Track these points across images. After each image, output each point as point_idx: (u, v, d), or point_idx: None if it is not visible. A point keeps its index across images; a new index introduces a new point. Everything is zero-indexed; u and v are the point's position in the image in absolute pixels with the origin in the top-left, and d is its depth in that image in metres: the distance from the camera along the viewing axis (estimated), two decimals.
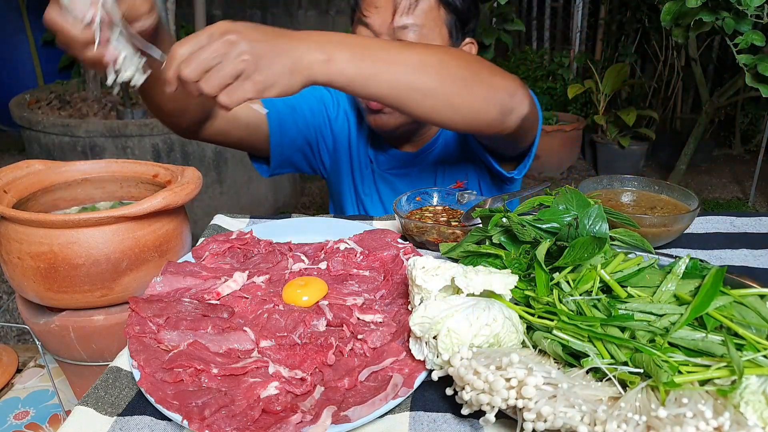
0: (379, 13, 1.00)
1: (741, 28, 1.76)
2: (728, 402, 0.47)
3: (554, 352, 0.54)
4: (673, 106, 4.28)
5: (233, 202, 2.88)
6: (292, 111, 1.14)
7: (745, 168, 3.96)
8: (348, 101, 1.21)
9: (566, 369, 0.53)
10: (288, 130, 1.14)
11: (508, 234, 0.71)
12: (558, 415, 0.45)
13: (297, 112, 1.15)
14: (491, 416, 0.48)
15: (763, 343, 0.51)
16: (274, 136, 1.12)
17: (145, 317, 0.64)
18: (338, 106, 1.21)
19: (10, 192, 0.81)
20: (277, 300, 0.69)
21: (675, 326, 0.52)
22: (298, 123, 1.15)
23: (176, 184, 0.79)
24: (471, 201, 0.95)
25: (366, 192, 1.23)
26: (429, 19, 1.00)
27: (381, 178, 1.21)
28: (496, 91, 0.81)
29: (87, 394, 0.58)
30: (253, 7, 4.17)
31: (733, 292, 0.55)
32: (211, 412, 0.52)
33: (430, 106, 0.77)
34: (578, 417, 0.45)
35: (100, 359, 0.81)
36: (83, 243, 0.72)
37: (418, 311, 0.56)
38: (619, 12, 4.28)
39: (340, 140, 1.22)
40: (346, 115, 1.21)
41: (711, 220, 0.96)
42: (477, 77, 0.80)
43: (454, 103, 0.78)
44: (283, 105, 1.13)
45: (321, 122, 1.20)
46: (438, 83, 0.76)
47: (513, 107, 0.84)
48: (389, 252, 0.79)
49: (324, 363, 0.59)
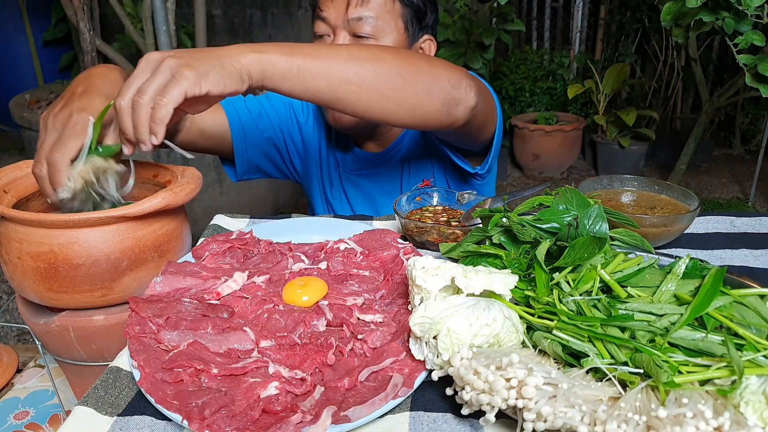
0: (335, 7, 1.01)
1: (741, 28, 1.76)
2: (728, 402, 0.47)
3: (554, 352, 0.54)
4: (673, 106, 4.28)
5: (233, 202, 2.88)
6: (258, 118, 1.16)
7: (745, 168, 3.96)
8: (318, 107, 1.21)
9: (566, 369, 0.53)
10: (252, 138, 1.16)
11: (508, 234, 0.71)
12: (558, 415, 0.45)
13: (263, 118, 1.17)
14: (491, 416, 0.48)
15: (763, 343, 0.51)
16: (238, 143, 1.14)
17: (145, 317, 0.64)
18: (308, 110, 1.22)
19: (10, 192, 0.81)
20: (277, 300, 0.69)
21: (675, 326, 0.52)
22: (263, 130, 1.17)
23: (176, 184, 0.79)
24: (471, 201, 0.95)
25: (334, 195, 1.24)
26: (384, 11, 1.01)
27: (348, 180, 1.22)
28: (437, 81, 0.80)
29: (87, 394, 0.58)
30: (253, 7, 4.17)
31: (733, 292, 0.55)
32: (211, 412, 0.52)
33: (368, 100, 0.77)
34: (578, 417, 0.45)
35: (100, 359, 0.81)
36: (83, 243, 0.72)
37: (418, 311, 0.56)
38: (619, 12, 4.28)
39: (310, 144, 1.23)
40: (315, 120, 1.22)
41: (711, 220, 0.96)
42: (415, 68, 0.79)
43: (393, 96, 0.77)
44: (247, 113, 1.15)
45: (290, 126, 1.21)
46: (373, 75, 0.76)
47: (458, 98, 0.83)
48: (389, 252, 0.79)
49: (324, 363, 0.59)
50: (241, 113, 1.15)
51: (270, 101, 1.20)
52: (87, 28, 2.74)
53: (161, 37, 2.81)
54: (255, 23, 4.19)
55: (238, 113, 1.14)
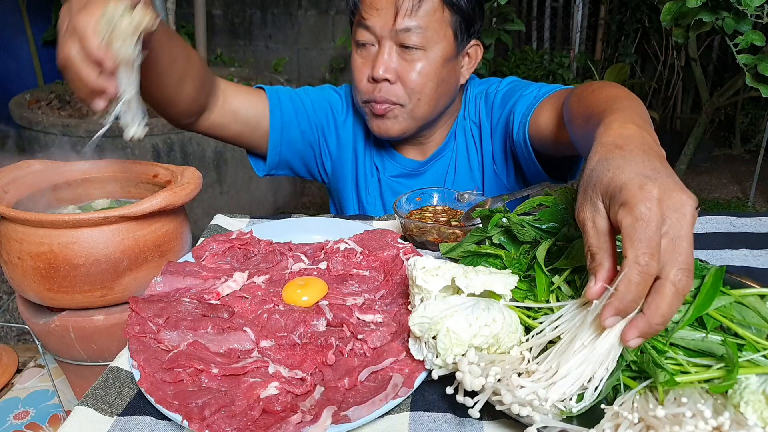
0: (380, 15, 0.97)
1: (741, 28, 1.76)
2: (728, 402, 0.47)
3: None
4: (673, 106, 4.28)
5: (233, 202, 2.88)
6: (297, 114, 1.12)
7: (745, 168, 3.96)
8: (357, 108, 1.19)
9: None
10: (289, 132, 1.12)
11: (508, 234, 0.71)
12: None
13: (301, 114, 1.13)
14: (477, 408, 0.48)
15: (762, 343, 0.51)
16: (274, 134, 1.09)
17: (145, 317, 0.64)
18: (347, 110, 1.18)
19: (10, 192, 0.81)
20: (277, 300, 0.69)
21: (677, 326, 0.52)
22: (301, 125, 1.13)
23: (176, 184, 0.79)
24: (471, 201, 0.95)
25: (369, 200, 1.20)
26: (433, 20, 0.97)
27: (387, 185, 1.18)
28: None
29: (87, 394, 0.58)
30: (253, 7, 4.17)
31: (733, 292, 0.55)
32: (211, 412, 0.52)
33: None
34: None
35: (100, 359, 0.81)
36: (83, 243, 0.72)
37: (417, 311, 0.56)
38: (619, 12, 4.27)
39: (344, 146, 1.19)
40: (354, 120, 1.18)
41: (711, 220, 0.96)
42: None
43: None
44: (290, 105, 1.11)
45: (325, 124, 1.17)
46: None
47: None
48: (389, 252, 0.79)
49: (324, 363, 0.59)
50: (284, 105, 1.10)
51: (309, 96, 1.15)
52: None
53: None
54: (255, 23, 4.19)
55: (280, 104, 1.09)
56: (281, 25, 4.19)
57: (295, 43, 4.23)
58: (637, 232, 0.45)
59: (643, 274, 0.45)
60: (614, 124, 0.58)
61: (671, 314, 0.45)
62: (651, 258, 0.45)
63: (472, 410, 0.48)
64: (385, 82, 1.00)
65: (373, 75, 1.00)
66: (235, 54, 4.21)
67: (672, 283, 0.45)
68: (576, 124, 0.76)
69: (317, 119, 1.16)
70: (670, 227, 0.46)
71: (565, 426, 0.47)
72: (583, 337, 0.48)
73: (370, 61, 1.01)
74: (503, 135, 1.08)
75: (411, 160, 1.17)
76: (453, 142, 1.15)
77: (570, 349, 0.48)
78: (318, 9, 4.15)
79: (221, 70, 3.38)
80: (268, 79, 3.26)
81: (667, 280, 0.45)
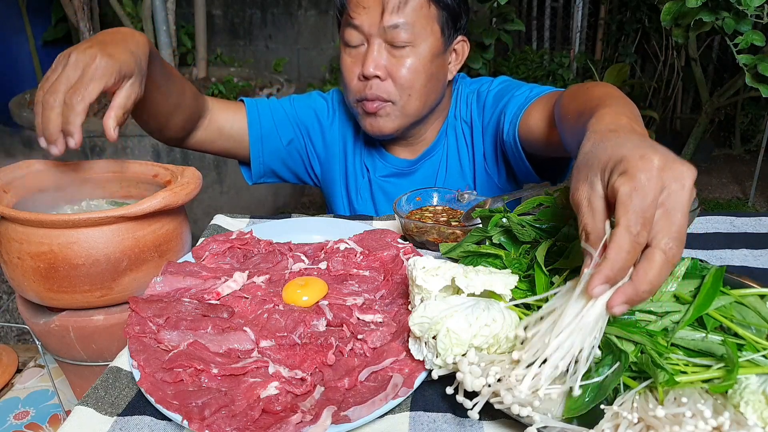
0: (368, 14, 0.98)
1: (741, 28, 1.76)
2: (728, 402, 0.47)
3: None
4: (673, 106, 4.28)
5: (233, 202, 2.88)
6: (279, 124, 1.15)
7: (745, 168, 3.96)
8: (345, 110, 1.19)
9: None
10: (270, 143, 1.15)
11: (508, 234, 0.71)
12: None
13: (284, 124, 1.16)
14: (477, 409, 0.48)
15: (762, 343, 0.51)
16: (255, 147, 1.13)
17: (145, 317, 0.64)
18: (334, 114, 1.20)
19: (10, 192, 0.81)
20: (277, 300, 0.69)
21: (677, 327, 0.52)
22: (283, 136, 1.16)
23: (176, 184, 0.79)
24: (471, 201, 0.95)
25: (360, 202, 1.22)
26: (420, 16, 0.98)
27: (377, 186, 1.20)
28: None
29: (87, 394, 0.58)
30: (253, 7, 4.17)
31: (733, 292, 0.55)
32: (211, 412, 0.52)
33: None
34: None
35: (100, 359, 0.81)
36: (83, 243, 0.72)
37: (417, 311, 0.56)
38: (619, 12, 4.27)
39: (332, 149, 1.20)
40: (342, 124, 1.20)
41: (711, 220, 0.96)
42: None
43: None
44: (269, 118, 1.14)
45: (311, 130, 1.19)
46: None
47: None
48: (389, 252, 0.79)
49: (324, 363, 0.59)
50: (263, 118, 1.13)
51: (293, 105, 1.18)
52: (87, 28, 2.74)
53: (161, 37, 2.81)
54: (255, 23, 4.19)
55: (259, 117, 1.13)
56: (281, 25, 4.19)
57: (295, 43, 4.23)
58: (633, 201, 0.45)
59: (633, 243, 0.44)
60: (606, 117, 0.59)
61: (659, 282, 0.45)
62: (643, 228, 0.45)
63: (472, 412, 0.48)
64: (375, 80, 1.01)
65: (363, 72, 1.01)
66: (235, 54, 4.21)
67: (662, 251, 0.45)
68: (568, 120, 0.76)
69: (302, 126, 1.18)
70: (667, 197, 0.46)
71: (565, 426, 0.47)
72: (572, 311, 0.48)
73: (360, 59, 1.02)
74: (494, 134, 1.09)
75: (401, 160, 1.18)
76: (444, 140, 1.15)
77: (560, 324, 0.47)
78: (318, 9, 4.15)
79: (221, 70, 3.38)
80: (268, 79, 3.26)
81: (658, 248, 0.45)
